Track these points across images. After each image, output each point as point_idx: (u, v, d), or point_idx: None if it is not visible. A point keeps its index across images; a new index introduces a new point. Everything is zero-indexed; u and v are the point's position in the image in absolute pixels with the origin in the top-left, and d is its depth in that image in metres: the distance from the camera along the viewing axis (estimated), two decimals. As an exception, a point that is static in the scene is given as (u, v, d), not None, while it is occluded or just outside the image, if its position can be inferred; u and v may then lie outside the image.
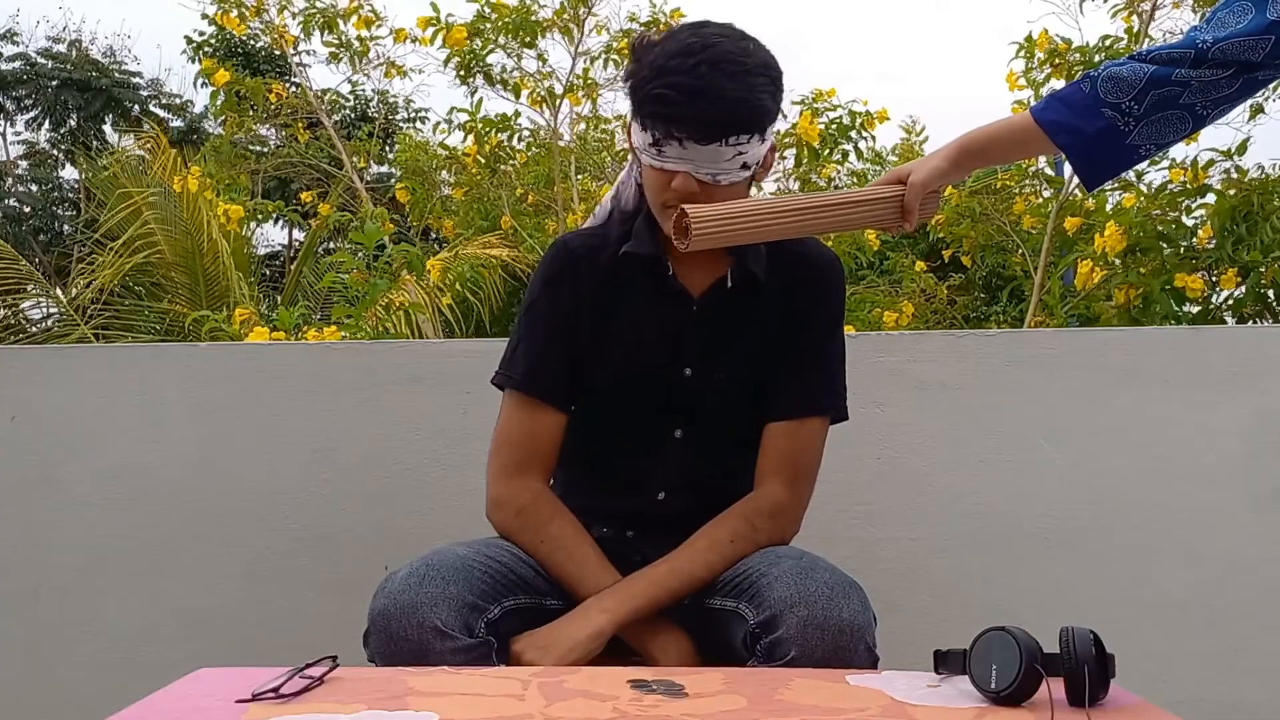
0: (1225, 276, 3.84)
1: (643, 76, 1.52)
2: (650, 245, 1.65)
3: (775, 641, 1.41)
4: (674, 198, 1.54)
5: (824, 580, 1.43)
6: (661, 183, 1.56)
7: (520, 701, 1.19)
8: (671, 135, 1.50)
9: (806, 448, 1.66)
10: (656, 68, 1.50)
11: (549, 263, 1.70)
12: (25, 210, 15.96)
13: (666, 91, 1.48)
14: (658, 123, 1.51)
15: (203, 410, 2.34)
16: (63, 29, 18.45)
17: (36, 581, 2.33)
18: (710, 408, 1.67)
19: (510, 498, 1.64)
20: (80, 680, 2.30)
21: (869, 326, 5.02)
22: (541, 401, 1.65)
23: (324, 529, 2.30)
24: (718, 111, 1.48)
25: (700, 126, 1.49)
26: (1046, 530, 2.23)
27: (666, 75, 1.49)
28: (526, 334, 1.68)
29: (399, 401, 2.31)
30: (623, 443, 1.70)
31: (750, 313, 1.66)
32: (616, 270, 1.66)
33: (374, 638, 1.45)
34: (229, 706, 1.17)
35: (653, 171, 1.56)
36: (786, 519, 1.64)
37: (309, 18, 5.51)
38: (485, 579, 1.51)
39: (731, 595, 1.55)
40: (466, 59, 5.15)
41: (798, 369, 1.66)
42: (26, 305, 9.68)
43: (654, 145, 1.52)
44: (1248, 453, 2.21)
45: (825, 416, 1.68)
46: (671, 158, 1.52)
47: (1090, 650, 1.16)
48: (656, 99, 1.49)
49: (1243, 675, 2.20)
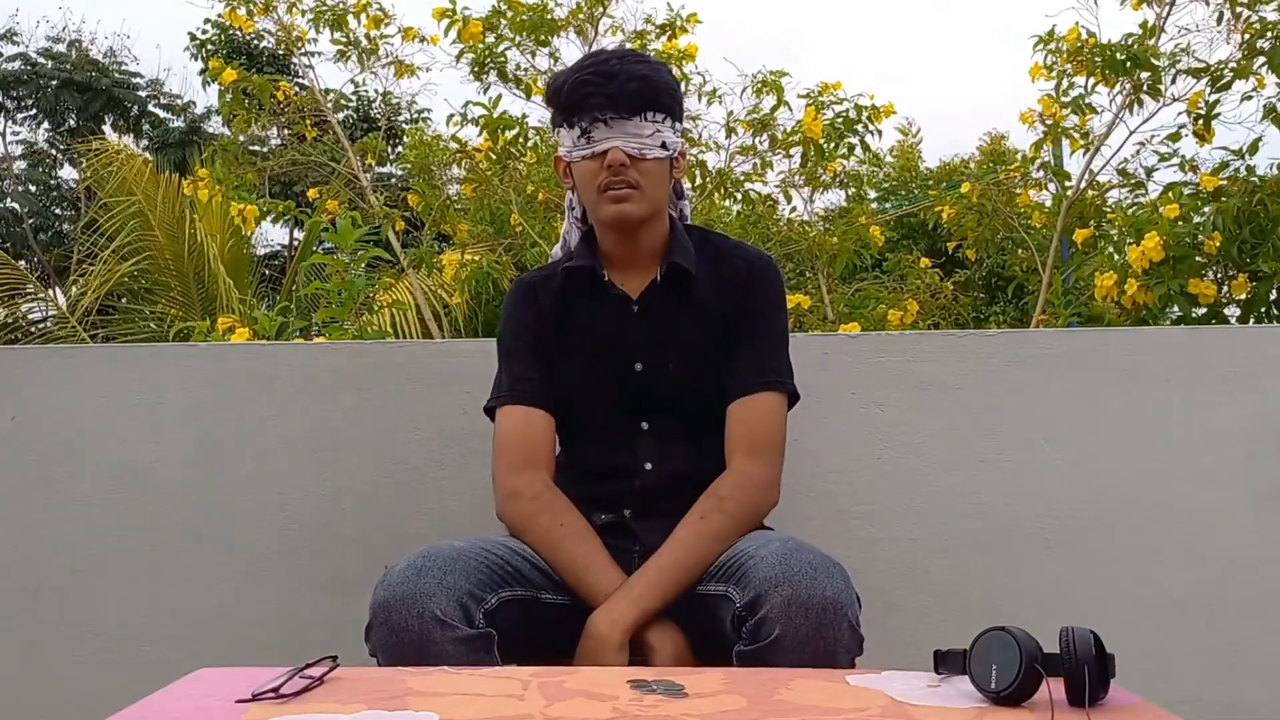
0: (1236, 282, 3.83)
1: (561, 81, 1.76)
2: (588, 258, 1.82)
3: (760, 621, 1.44)
4: (608, 175, 1.72)
5: (807, 560, 1.46)
6: (594, 169, 1.74)
7: (520, 701, 1.19)
8: (596, 118, 1.71)
9: (762, 419, 1.75)
10: (571, 70, 1.76)
11: (510, 298, 1.89)
12: (22, 211, 15.95)
13: (587, 78, 1.71)
14: (583, 110, 1.71)
15: (202, 410, 2.34)
16: (62, 29, 18.46)
17: (36, 581, 2.33)
18: (667, 399, 1.78)
19: (525, 486, 1.72)
20: (80, 680, 2.30)
21: (874, 324, 5.00)
22: (531, 405, 1.78)
23: (324, 529, 2.30)
24: (634, 86, 1.70)
25: (620, 100, 1.70)
26: (1046, 530, 2.23)
27: (583, 71, 1.73)
28: (504, 358, 1.85)
29: (399, 401, 2.31)
30: (598, 441, 1.80)
31: (687, 304, 1.80)
32: (565, 287, 1.84)
33: (375, 630, 1.47)
34: (229, 706, 1.17)
35: (585, 164, 1.75)
36: (753, 487, 1.71)
37: (319, 15, 5.50)
38: (482, 570, 1.55)
39: (720, 580, 1.59)
40: (481, 55, 5.15)
41: (745, 352, 1.77)
42: (26, 308, 9.68)
43: (583, 135, 1.73)
44: (1248, 453, 2.21)
45: (776, 392, 1.77)
46: (599, 139, 1.72)
47: (1090, 650, 1.16)
48: (578, 86, 1.71)
49: (1243, 675, 2.20)
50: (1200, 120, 4.39)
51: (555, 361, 1.81)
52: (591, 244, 1.84)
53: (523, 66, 5.26)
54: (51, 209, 16.92)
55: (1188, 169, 4.28)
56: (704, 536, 1.65)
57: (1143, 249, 3.76)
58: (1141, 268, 3.78)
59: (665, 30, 5.33)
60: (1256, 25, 4.25)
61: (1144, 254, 3.77)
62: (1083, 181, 4.92)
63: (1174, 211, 3.89)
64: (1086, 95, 4.69)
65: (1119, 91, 4.65)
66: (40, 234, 15.97)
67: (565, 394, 1.80)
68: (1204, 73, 4.39)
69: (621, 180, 1.72)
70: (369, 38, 5.63)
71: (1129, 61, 4.45)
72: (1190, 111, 4.43)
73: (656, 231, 1.81)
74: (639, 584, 1.61)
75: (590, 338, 1.81)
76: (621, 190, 1.72)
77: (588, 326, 1.82)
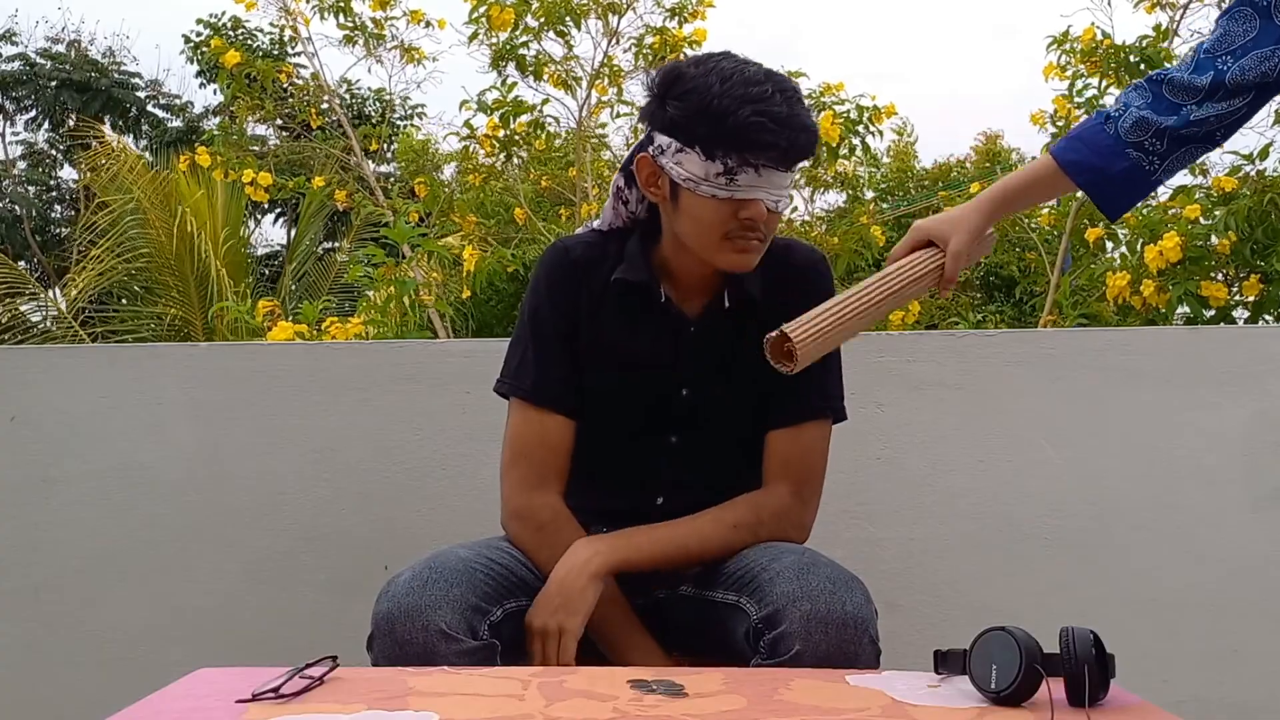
0: (1248, 283, 3.83)
1: (718, 106, 1.48)
2: (643, 272, 1.65)
3: (779, 637, 1.41)
4: (742, 227, 1.54)
5: (826, 575, 1.44)
6: (725, 213, 1.53)
7: (520, 701, 1.19)
8: (749, 163, 1.49)
9: (809, 452, 1.67)
10: (736, 97, 1.48)
11: (550, 268, 1.69)
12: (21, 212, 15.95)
13: (759, 120, 1.47)
14: (740, 150, 1.49)
15: (202, 410, 2.34)
16: (61, 29, 18.46)
17: (36, 581, 2.33)
18: (707, 418, 1.68)
19: (530, 513, 1.64)
20: (80, 680, 2.30)
21: (875, 325, 5.00)
22: (552, 411, 1.66)
23: (324, 529, 2.30)
24: (804, 140, 1.51)
25: (787, 154, 1.51)
26: (1046, 530, 2.23)
27: (753, 104, 1.47)
28: (532, 341, 1.68)
29: (399, 401, 2.31)
30: (619, 448, 1.70)
31: (747, 330, 1.63)
32: (611, 288, 1.66)
33: (378, 641, 1.45)
34: (229, 706, 1.17)
35: (714, 203, 1.53)
36: (790, 523, 1.64)
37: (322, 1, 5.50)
38: (488, 581, 1.51)
39: (733, 589, 1.55)
40: (503, 48, 5.15)
41: (794, 376, 1.63)
42: (25, 308, 9.69)
43: (725, 174, 1.51)
44: (1249, 453, 2.21)
45: (825, 420, 1.69)
46: (744, 185, 1.51)
47: (1090, 650, 1.16)
48: (748, 127, 1.47)
49: (1243, 675, 2.20)
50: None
51: (588, 363, 1.66)
52: (649, 248, 1.67)
53: (542, 58, 5.27)
54: (49, 210, 16.92)
55: (1198, 173, 4.28)
56: (725, 542, 1.60)
57: (1160, 249, 3.75)
58: (1157, 268, 3.78)
59: (675, 15, 5.33)
60: None
61: (1161, 254, 3.76)
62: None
63: (1195, 212, 3.89)
64: (1100, 96, 4.70)
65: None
66: (39, 235, 15.97)
67: (594, 399, 1.67)
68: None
69: (755, 234, 1.55)
70: (374, 21, 5.62)
71: (1142, 63, 4.45)
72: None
73: None
74: (639, 535, 1.58)
75: (632, 353, 1.66)
76: (751, 243, 1.56)
77: (631, 341, 1.66)
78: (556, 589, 1.54)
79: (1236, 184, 3.93)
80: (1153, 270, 3.79)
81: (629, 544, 1.58)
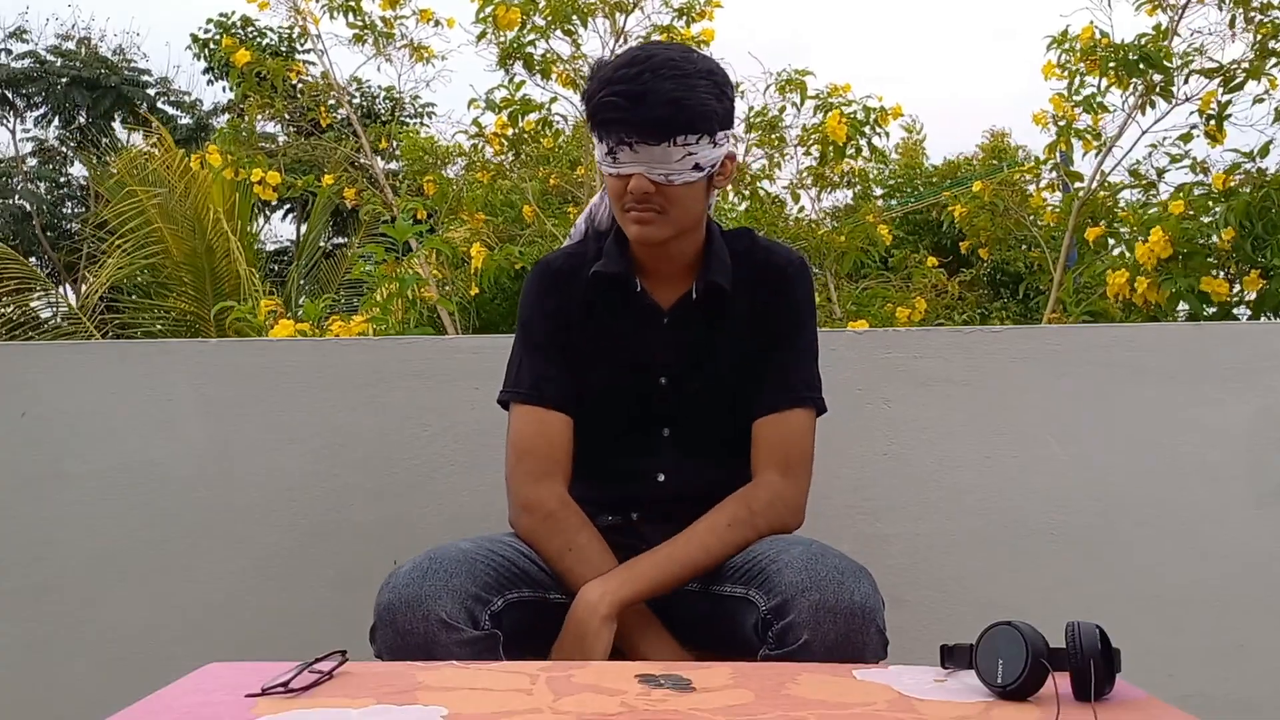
0: (1249, 278, 3.82)
1: (592, 90, 1.62)
2: (619, 264, 1.73)
3: (787, 626, 1.42)
4: (631, 200, 1.62)
5: (834, 565, 1.45)
6: (619, 188, 1.64)
7: (529, 696, 1.20)
8: (622, 140, 1.59)
9: (795, 437, 1.70)
10: (603, 79, 1.60)
11: (536, 281, 1.79)
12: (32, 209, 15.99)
13: (612, 99, 1.57)
14: (608, 130, 1.60)
15: (212, 407, 2.35)
16: (72, 26, 18.53)
17: (46, 576, 2.34)
18: (691, 412, 1.73)
19: (539, 502, 1.67)
20: (89, 674, 2.31)
21: (881, 322, 5.01)
22: (551, 409, 1.71)
23: (332, 524, 2.31)
24: (661, 112, 1.56)
25: (645, 128, 1.57)
26: (1052, 526, 2.23)
27: (611, 85, 1.58)
28: (526, 349, 1.76)
29: (406, 398, 2.32)
30: (615, 444, 1.75)
31: (719, 321, 1.72)
32: (592, 287, 1.74)
33: (380, 632, 1.46)
34: (238, 701, 1.18)
35: (612, 180, 1.65)
36: (784, 507, 1.68)
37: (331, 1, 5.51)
38: (488, 572, 1.54)
39: (741, 582, 1.57)
40: (510, 46, 5.16)
41: (774, 366, 1.71)
42: (36, 304, 9.71)
43: (609, 154, 1.61)
44: (1253, 449, 2.22)
45: (807, 408, 1.72)
46: (625, 162, 1.60)
47: (1096, 645, 1.16)
48: (604, 107, 1.58)
49: (1248, 670, 2.20)
50: (1212, 121, 4.39)
51: (576, 362, 1.73)
52: (624, 244, 1.74)
53: (550, 56, 5.27)
54: (60, 207, 16.95)
55: (1199, 170, 4.28)
56: (725, 544, 1.62)
57: (1150, 245, 3.77)
58: (1150, 264, 3.78)
59: (682, 15, 5.33)
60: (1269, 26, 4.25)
61: (1151, 250, 3.77)
62: (1094, 181, 4.93)
63: (1179, 207, 3.90)
64: (1100, 95, 4.70)
65: (1131, 92, 4.67)
66: (49, 231, 16.01)
67: (585, 397, 1.73)
68: (1216, 73, 4.40)
69: (645, 205, 1.62)
70: (384, 19, 5.63)
71: (1141, 62, 4.45)
72: (1202, 112, 4.44)
73: (689, 244, 1.72)
74: (643, 564, 1.60)
75: (614, 348, 1.73)
76: (645, 214, 1.63)
77: (613, 336, 1.73)
78: (572, 634, 1.55)
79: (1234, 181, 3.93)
80: (1147, 266, 3.80)
81: (636, 575, 1.59)
